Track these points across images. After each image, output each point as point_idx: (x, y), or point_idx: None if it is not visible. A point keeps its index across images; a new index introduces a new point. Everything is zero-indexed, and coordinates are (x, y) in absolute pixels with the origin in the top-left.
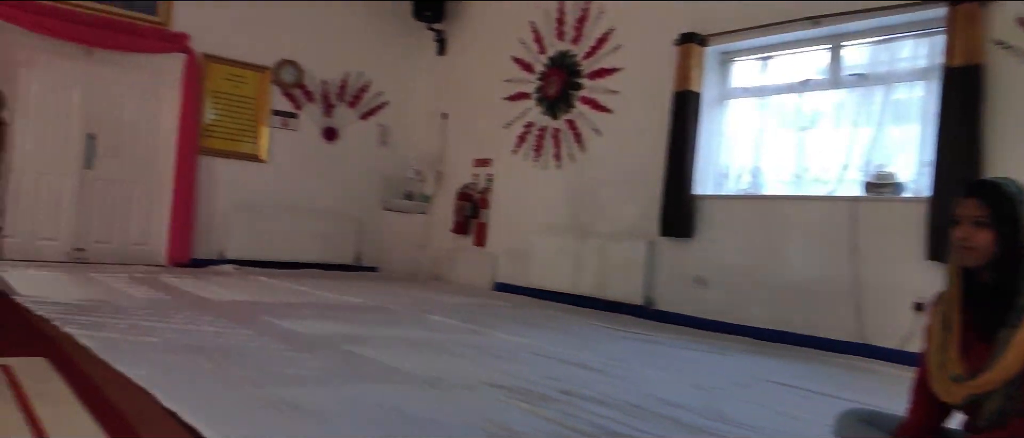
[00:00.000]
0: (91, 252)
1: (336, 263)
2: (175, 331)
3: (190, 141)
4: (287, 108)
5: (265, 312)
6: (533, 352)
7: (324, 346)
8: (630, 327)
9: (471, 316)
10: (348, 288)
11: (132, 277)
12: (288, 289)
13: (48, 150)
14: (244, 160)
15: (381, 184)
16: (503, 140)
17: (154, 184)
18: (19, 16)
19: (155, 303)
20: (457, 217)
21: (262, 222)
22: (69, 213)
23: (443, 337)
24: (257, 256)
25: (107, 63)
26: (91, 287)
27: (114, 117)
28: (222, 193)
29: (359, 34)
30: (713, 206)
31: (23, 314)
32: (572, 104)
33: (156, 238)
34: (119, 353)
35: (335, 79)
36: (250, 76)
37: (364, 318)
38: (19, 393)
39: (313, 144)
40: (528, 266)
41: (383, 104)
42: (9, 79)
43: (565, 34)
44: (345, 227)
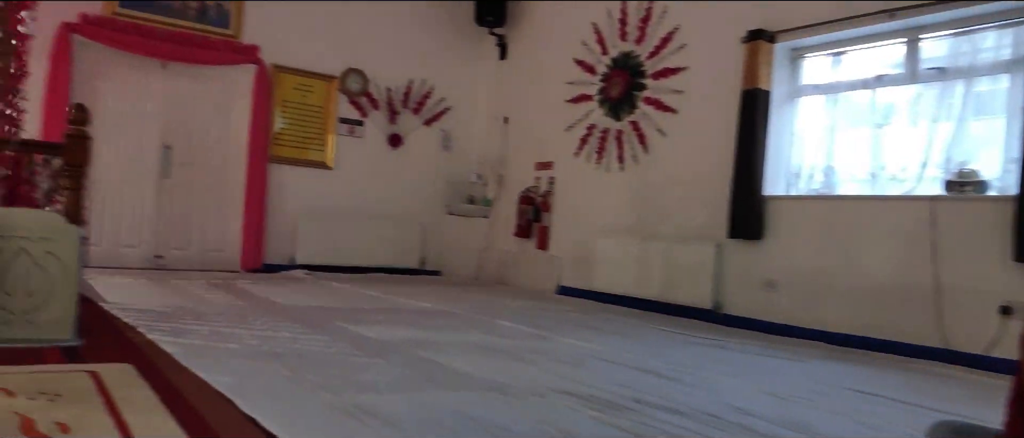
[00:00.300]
0: (170, 259)
1: (401, 267)
2: (253, 337)
3: (261, 150)
4: (353, 116)
5: (337, 317)
6: (601, 358)
7: (396, 352)
8: (698, 332)
9: (536, 320)
10: (414, 292)
11: (209, 283)
12: (358, 294)
13: (127, 161)
14: (312, 167)
15: (444, 189)
16: (565, 143)
17: (227, 192)
18: (100, 33)
19: (232, 309)
20: (519, 220)
21: (330, 228)
22: (148, 221)
23: (510, 342)
24: (326, 261)
25: (182, 76)
26: (172, 293)
27: (189, 128)
28: (292, 200)
29: (422, 41)
30: (784, 207)
31: (110, 321)
32: (636, 105)
33: (230, 244)
34: (201, 360)
35: (399, 86)
36: (317, 85)
37: (432, 323)
38: (108, 399)
39: (378, 150)
40: (592, 269)
41: (446, 109)
42: (90, 94)
43: (628, 34)
44: (410, 232)
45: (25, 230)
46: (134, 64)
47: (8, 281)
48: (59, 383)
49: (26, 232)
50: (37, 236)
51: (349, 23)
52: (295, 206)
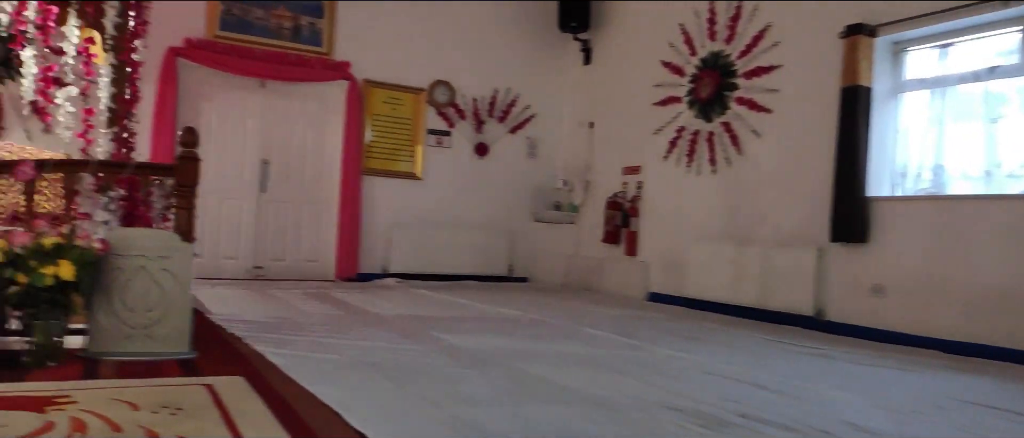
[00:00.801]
0: (268, 269)
1: (489, 274)
2: (352, 348)
3: (353, 162)
4: (441, 127)
5: (432, 327)
6: (701, 369)
7: (491, 363)
8: (800, 340)
9: (629, 329)
10: (503, 300)
11: (306, 293)
12: (449, 302)
13: (227, 176)
14: (402, 178)
15: (530, 196)
16: (653, 146)
17: (322, 204)
18: (203, 56)
19: (330, 319)
20: (607, 226)
21: (421, 237)
22: (247, 234)
23: (604, 353)
24: (417, 269)
25: (278, 93)
26: (272, 304)
27: (285, 143)
28: (384, 210)
29: (506, 51)
30: (890, 208)
31: (219, 333)
32: (727, 106)
33: (325, 255)
34: (306, 371)
35: (485, 96)
36: (406, 98)
37: (524, 332)
38: (224, 413)
39: (465, 160)
40: (683, 275)
41: (530, 117)
42: (194, 113)
43: (717, 34)
44: (497, 239)
45: (143, 249)
46: (234, 84)
47: (129, 297)
48: (178, 396)
49: (144, 251)
50: (154, 254)
51: (435, 36)
52: (387, 216)
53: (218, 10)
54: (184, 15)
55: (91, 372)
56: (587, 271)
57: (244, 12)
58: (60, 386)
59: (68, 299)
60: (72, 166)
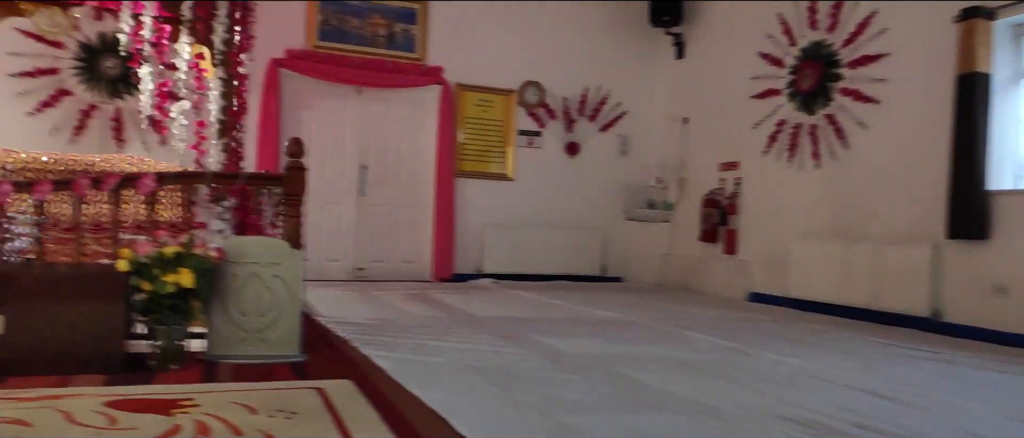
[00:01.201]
0: (369, 271)
1: (583, 274)
2: (454, 350)
3: (447, 165)
4: (531, 127)
5: (530, 329)
6: (810, 375)
7: (593, 367)
8: (916, 343)
9: (732, 332)
10: (598, 300)
11: (406, 294)
12: (544, 303)
13: (329, 182)
14: (495, 180)
15: (623, 194)
16: (752, 141)
17: (418, 207)
18: (303, 66)
19: (431, 320)
20: (704, 224)
21: (514, 237)
22: (349, 237)
23: (707, 357)
24: (511, 269)
25: (374, 100)
26: (375, 305)
27: (382, 148)
28: (477, 212)
29: (596, 48)
30: (1012, 203)
31: (326, 335)
32: (830, 97)
33: (422, 256)
34: (411, 375)
35: (575, 95)
36: (497, 100)
37: (622, 335)
38: (336, 418)
39: (556, 160)
40: (787, 275)
41: (622, 114)
42: (296, 122)
43: (818, 23)
44: (590, 239)
45: (255, 256)
46: (333, 92)
47: (243, 303)
48: (292, 400)
49: (256, 258)
50: (266, 261)
51: (525, 37)
52: (480, 218)
53: (317, 21)
54: (285, 27)
55: (210, 375)
56: (684, 271)
57: (341, 21)
58: (184, 389)
59: (188, 305)
60: (189, 178)
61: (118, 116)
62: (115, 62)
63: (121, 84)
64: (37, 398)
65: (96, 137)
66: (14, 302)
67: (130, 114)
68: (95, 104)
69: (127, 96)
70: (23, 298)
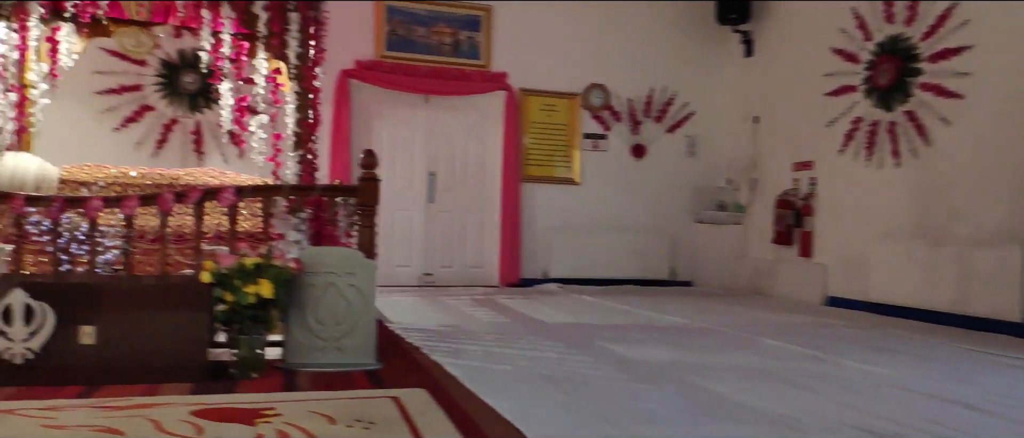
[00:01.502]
0: (437, 276)
1: (651, 278)
2: (523, 358)
3: (513, 170)
4: (596, 130)
5: (597, 336)
6: (895, 385)
7: (665, 377)
8: (1008, 350)
9: (809, 339)
10: (667, 306)
11: (473, 299)
12: (612, 308)
13: (398, 189)
14: (560, 184)
15: (692, 196)
16: (827, 140)
17: (485, 212)
18: (372, 76)
19: (499, 327)
20: (778, 226)
21: (580, 241)
22: (417, 243)
23: (783, 365)
24: (577, 274)
25: (441, 107)
26: (444, 311)
27: (449, 155)
28: (543, 216)
29: (662, 48)
30: None
31: (398, 342)
32: (910, 92)
33: (489, 261)
34: (482, 383)
35: (641, 96)
36: (561, 104)
37: (693, 342)
38: (412, 427)
39: (622, 162)
40: (866, 278)
41: (689, 115)
42: (366, 131)
43: (895, 16)
44: (658, 242)
45: (332, 266)
46: (401, 101)
47: (320, 312)
48: (369, 409)
49: (333, 268)
50: (342, 271)
51: (588, 40)
52: (546, 222)
53: (384, 31)
54: (354, 38)
55: (290, 383)
56: (756, 274)
57: (408, 31)
58: (265, 398)
59: (268, 314)
60: (267, 191)
61: (198, 129)
62: (194, 77)
63: (200, 98)
64: (127, 407)
65: (177, 150)
66: (104, 313)
67: (209, 127)
68: (176, 118)
69: (206, 110)
70: (113, 309)
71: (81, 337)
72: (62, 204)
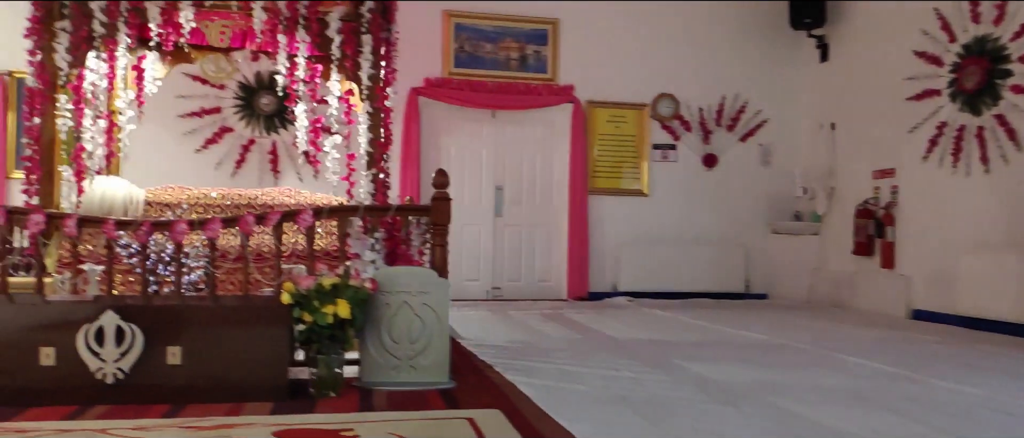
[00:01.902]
0: (505, 290)
1: (725, 291)
2: (597, 377)
3: (580, 183)
4: (666, 140)
5: (673, 353)
6: (993, 408)
7: (745, 398)
8: None
9: (895, 356)
10: (744, 320)
11: (543, 314)
12: (685, 323)
13: (467, 204)
14: (628, 196)
15: (766, 206)
16: (909, 146)
17: (553, 225)
18: (440, 93)
19: (571, 344)
20: (858, 236)
21: (650, 254)
22: (485, 257)
23: (871, 386)
24: (647, 287)
25: (508, 122)
26: (514, 327)
27: (516, 169)
28: (611, 229)
29: (733, 55)
30: None
31: (471, 360)
32: (999, 96)
33: (557, 274)
34: (557, 404)
35: (711, 105)
36: (629, 115)
37: (773, 359)
38: None
39: (693, 173)
40: (954, 290)
41: (762, 122)
42: (434, 147)
43: (982, 16)
44: (731, 254)
45: (406, 286)
46: (468, 116)
47: (394, 331)
48: (445, 431)
49: (407, 287)
50: (415, 290)
51: (656, 49)
52: (615, 235)
53: (452, 48)
54: (424, 57)
55: (366, 403)
56: (836, 286)
57: (475, 47)
58: (343, 418)
59: (345, 334)
60: (343, 211)
61: (274, 149)
62: (270, 99)
63: (276, 119)
64: (212, 427)
65: (255, 169)
66: (190, 334)
67: (284, 147)
68: (253, 139)
69: (281, 130)
70: (198, 330)
71: (168, 358)
72: (150, 227)
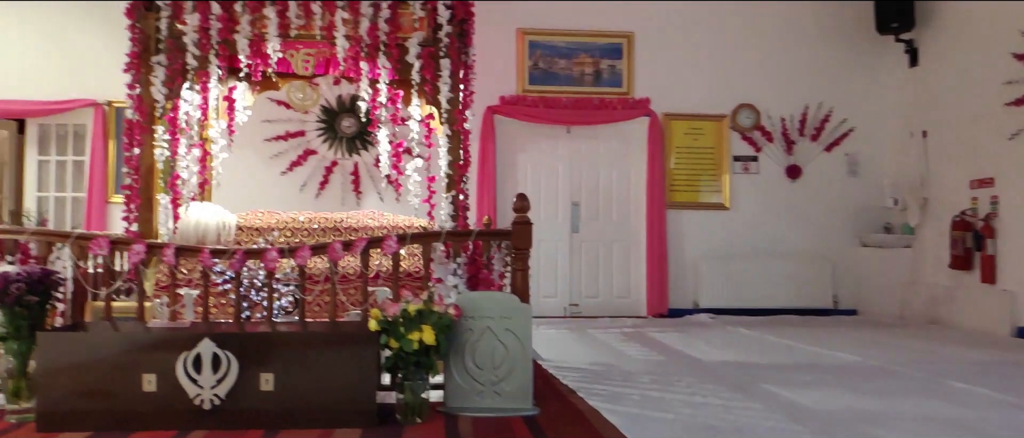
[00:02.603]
0: (583, 306)
1: (811, 307)
2: (684, 404)
3: (658, 198)
4: (747, 152)
5: (761, 377)
6: None
7: (843, 429)
8: None
9: (1002, 381)
10: (834, 340)
11: (623, 333)
12: (772, 343)
13: (543, 220)
14: (709, 209)
15: (854, 218)
16: (1009, 154)
17: (630, 241)
18: (515, 111)
19: (654, 366)
20: (955, 250)
21: (731, 269)
22: (562, 273)
23: (977, 416)
24: (729, 304)
25: (583, 137)
26: (594, 347)
27: (593, 184)
28: (690, 244)
29: (815, 63)
30: None
31: (553, 384)
32: None
33: (636, 290)
34: (644, 434)
35: (794, 114)
36: (708, 127)
37: (868, 385)
38: None
39: (776, 185)
40: None
41: (848, 131)
42: (510, 164)
43: None
44: (817, 268)
45: (488, 311)
46: (543, 133)
47: (477, 356)
48: None
49: (489, 312)
50: (498, 315)
51: (734, 59)
52: (694, 249)
53: (527, 66)
54: (499, 76)
55: (452, 430)
56: (931, 302)
57: (549, 64)
58: None
59: (431, 360)
60: (426, 237)
61: (355, 170)
62: (351, 121)
63: (357, 141)
64: None
65: (338, 190)
66: (282, 361)
67: (365, 168)
68: (336, 160)
69: (362, 152)
70: (289, 357)
71: (261, 384)
72: (243, 256)
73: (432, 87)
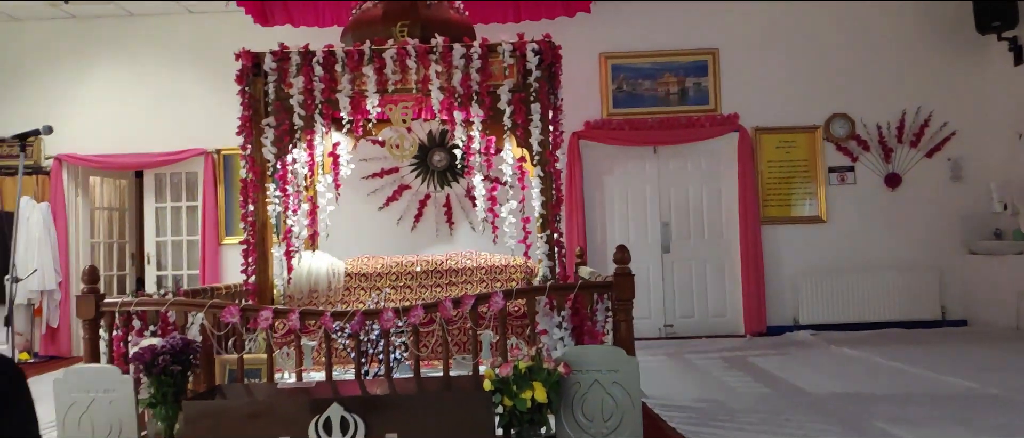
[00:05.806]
0: (678, 327)
1: (917, 320)
2: None
3: (751, 213)
4: (842, 163)
5: (875, 411)
6: None
7: None
8: None
9: None
10: (945, 360)
11: (723, 358)
12: (880, 366)
13: (633, 241)
14: (804, 223)
15: (960, 225)
16: None
17: (724, 258)
18: (600, 135)
19: (761, 402)
20: None
21: (831, 283)
22: (655, 294)
23: None
24: (831, 319)
25: (671, 156)
26: (695, 378)
27: (683, 203)
28: (786, 259)
29: (912, 66)
30: None
31: (660, 427)
32: None
33: (732, 309)
34: None
35: (891, 120)
36: (800, 139)
37: (990, 419)
38: None
39: (875, 194)
40: None
41: (950, 135)
42: (597, 188)
43: None
44: (922, 279)
45: (596, 365)
46: (630, 154)
47: (587, 408)
48: None
49: (597, 366)
50: (606, 369)
51: (824, 68)
52: (792, 264)
53: (610, 90)
54: (583, 101)
55: None
56: None
57: (633, 86)
58: None
59: (543, 416)
60: (530, 292)
61: (448, 202)
62: (442, 155)
63: (448, 173)
64: None
65: (432, 222)
66: (403, 420)
67: (457, 199)
68: (429, 194)
69: (454, 184)
70: (409, 416)
71: None
72: (362, 318)
73: (523, 131)
